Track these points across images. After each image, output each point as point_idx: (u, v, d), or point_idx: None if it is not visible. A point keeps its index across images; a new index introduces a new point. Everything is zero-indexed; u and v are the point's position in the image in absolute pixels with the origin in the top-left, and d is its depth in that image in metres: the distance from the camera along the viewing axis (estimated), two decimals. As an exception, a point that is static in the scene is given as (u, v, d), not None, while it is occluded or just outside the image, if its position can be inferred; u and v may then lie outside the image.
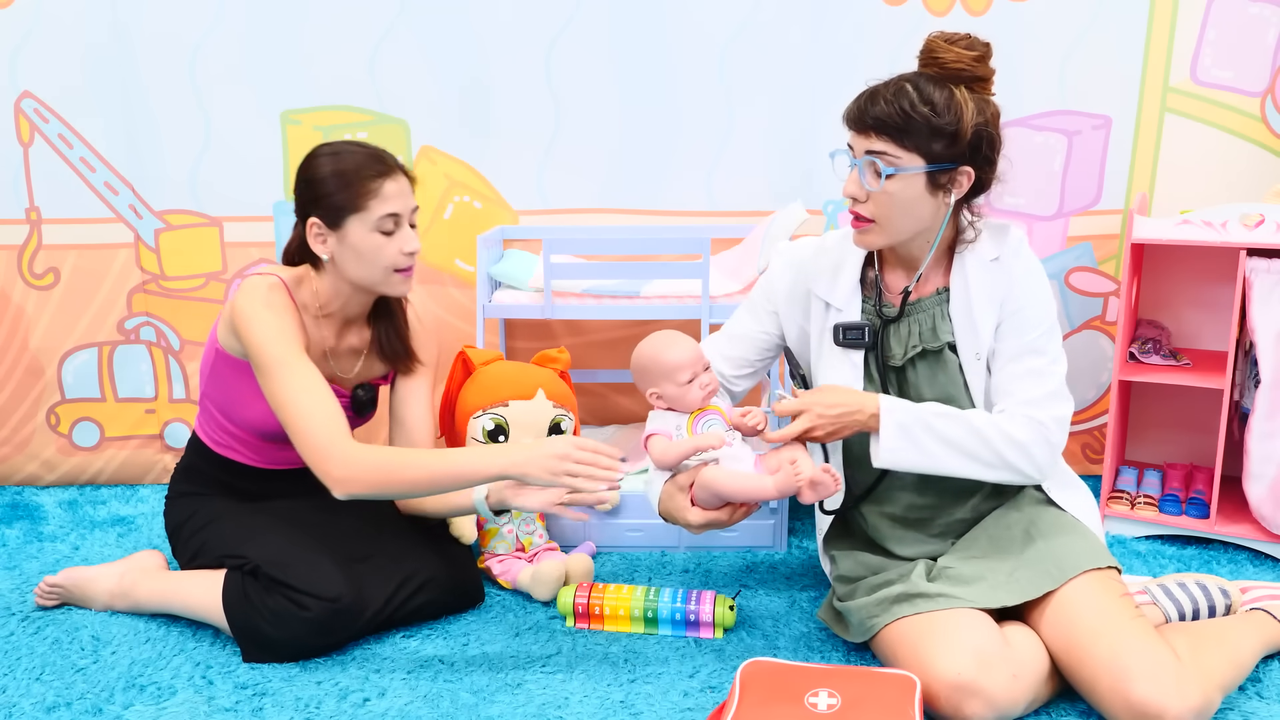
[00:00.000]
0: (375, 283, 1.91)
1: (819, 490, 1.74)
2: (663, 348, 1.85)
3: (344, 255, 1.88)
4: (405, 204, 1.88)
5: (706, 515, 1.78)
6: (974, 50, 1.70)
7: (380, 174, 1.85)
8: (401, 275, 1.91)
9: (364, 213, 1.85)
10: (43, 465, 2.73)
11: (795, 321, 1.93)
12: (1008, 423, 1.73)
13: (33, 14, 2.47)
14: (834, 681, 1.59)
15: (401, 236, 1.88)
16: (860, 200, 1.73)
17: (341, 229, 1.86)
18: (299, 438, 1.78)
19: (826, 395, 1.79)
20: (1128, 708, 1.52)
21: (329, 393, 1.82)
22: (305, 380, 1.80)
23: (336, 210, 1.85)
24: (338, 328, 1.99)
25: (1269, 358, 2.18)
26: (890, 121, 1.67)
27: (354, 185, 1.84)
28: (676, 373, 1.82)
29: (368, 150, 1.88)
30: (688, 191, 2.63)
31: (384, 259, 1.87)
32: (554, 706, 1.70)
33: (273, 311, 1.84)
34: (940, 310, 1.81)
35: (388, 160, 1.88)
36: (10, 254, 2.60)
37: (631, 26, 2.52)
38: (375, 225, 1.85)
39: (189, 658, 1.86)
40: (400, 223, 1.88)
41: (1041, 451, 1.74)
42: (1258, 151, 2.46)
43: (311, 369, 1.83)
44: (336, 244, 1.88)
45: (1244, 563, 2.26)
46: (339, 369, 2.00)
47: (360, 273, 1.89)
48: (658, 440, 1.84)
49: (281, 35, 2.50)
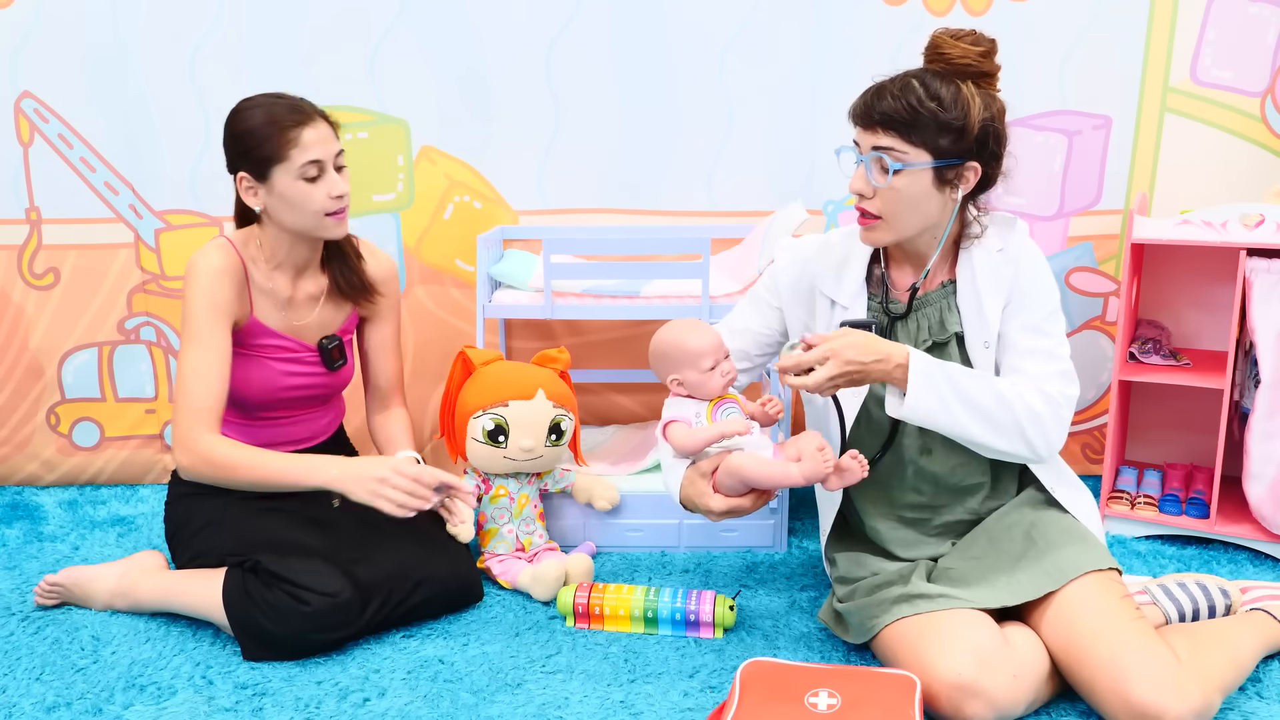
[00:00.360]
0: (309, 228, 1.97)
1: (845, 477, 1.74)
2: (685, 333, 1.86)
3: (275, 205, 1.95)
4: (327, 150, 1.93)
5: (729, 502, 1.78)
6: (980, 46, 1.70)
7: (298, 122, 1.91)
8: (334, 219, 1.97)
9: (286, 162, 1.91)
10: (43, 465, 2.73)
11: (799, 318, 1.93)
12: (1028, 393, 1.72)
13: (33, 14, 2.47)
14: (834, 681, 1.59)
15: (327, 181, 1.94)
16: (867, 196, 1.73)
17: (268, 180, 1.93)
18: (173, 410, 1.92)
19: (852, 340, 1.69)
20: (1128, 709, 1.52)
21: (218, 378, 1.91)
22: (202, 360, 1.90)
23: (261, 162, 1.92)
24: (291, 277, 2.05)
25: (1269, 358, 2.18)
26: (897, 117, 1.67)
27: (274, 136, 1.90)
28: (700, 359, 1.84)
29: (286, 101, 1.94)
30: (688, 191, 2.63)
31: (313, 204, 1.93)
32: (554, 706, 1.70)
33: (207, 279, 1.91)
34: (947, 302, 1.81)
35: (306, 108, 1.94)
36: (10, 254, 2.61)
37: (631, 26, 2.52)
38: (299, 173, 1.91)
39: (189, 658, 1.87)
40: (324, 168, 1.94)
41: (1054, 427, 1.73)
42: (1258, 151, 2.46)
43: (215, 351, 1.91)
44: (266, 195, 1.95)
45: (1244, 563, 2.26)
46: (299, 318, 2.05)
47: (292, 220, 1.96)
48: (678, 427, 1.85)
49: (281, 35, 2.50)
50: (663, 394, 2.75)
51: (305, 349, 2.06)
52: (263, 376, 2.02)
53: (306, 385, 2.08)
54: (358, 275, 2.10)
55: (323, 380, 2.10)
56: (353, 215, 2.58)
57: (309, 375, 2.08)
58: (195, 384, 1.90)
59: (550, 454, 2.19)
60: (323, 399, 2.15)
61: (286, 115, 1.91)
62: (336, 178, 1.95)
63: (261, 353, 2.02)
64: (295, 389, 2.06)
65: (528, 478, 2.23)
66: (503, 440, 2.14)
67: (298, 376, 2.06)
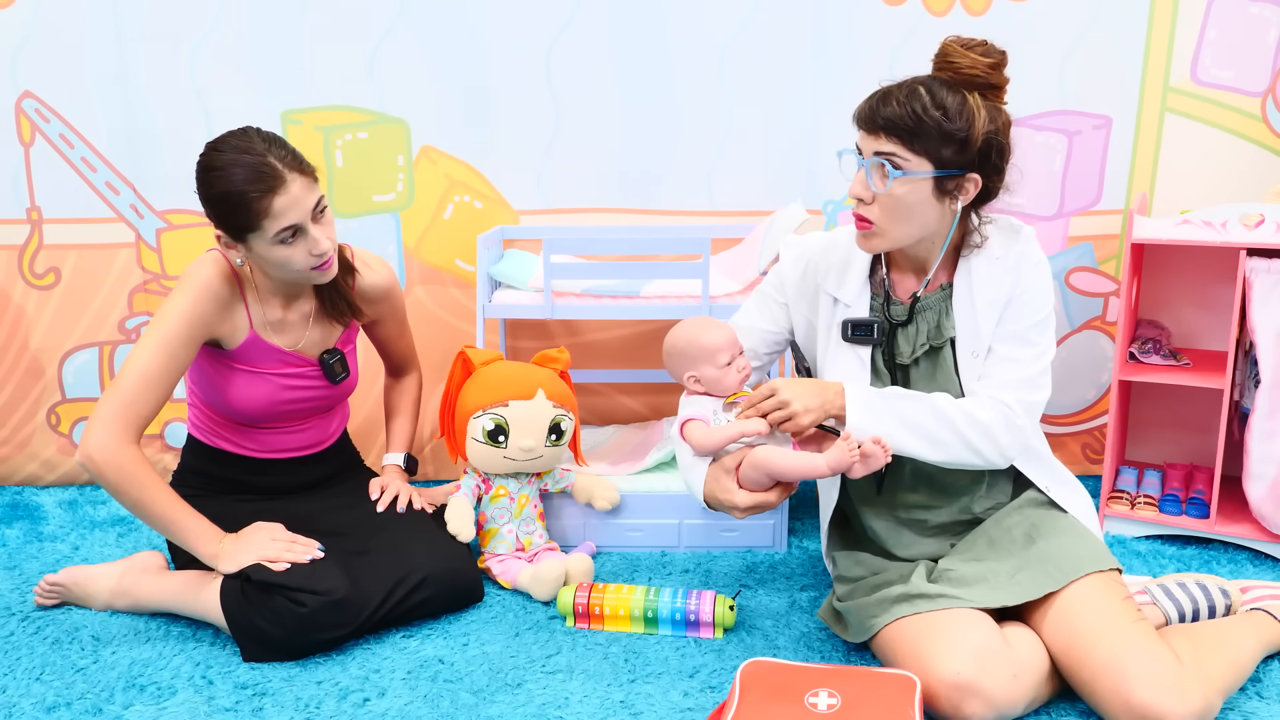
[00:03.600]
0: (295, 280, 1.94)
1: (870, 463, 1.73)
2: (701, 330, 1.88)
3: (257, 261, 1.91)
4: (302, 211, 1.83)
5: (755, 497, 1.79)
6: (990, 57, 1.69)
7: (269, 189, 1.79)
8: (319, 270, 1.91)
9: (260, 232, 1.83)
10: (43, 465, 2.73)
11: (803, 315, 1.94)
12: (971, 404, 1.74)
13: (34, 14, 2.47)
14: (834, 681, 1.59)
15: (307, 241, 1.86)
16: (866, 202, 1.73)
17: (245, 243, 1.87)
18: (102, 400, 1.83)
19: (795, 386, 1.79)
20: (1128, 710, 1.52)
21: (164, 393, 1.85)
22: (159, 369, 1.84)
23: (234, 230, 1.85)
24: (283, 300, 2.01)
25: (1269, 358, 2.18)
26: (901, 123, 1.66)
27: (243, 208, 1.80)
28: (717, 354, 1.85)
29: (251, 160, 1.79)
30: (688, 191, 2.63)
31: (293, 265, 1.88)
32: (554, 706, 1.70)
33: (195, 295, 1.87)
34: (945, 306, 1.81)
35: (273, 171, 1.79)
36: (11, 254, 2.61)
37: (631, 26, 2.52)
38: (275, 239, 1.84)
39: (189, 658, 1.87)
40: (301, 230, 1.85)
41: (1004, 433, 1.74)
42: (1258, 151, 2.46)
43: (175, 366, 1.85)
44: (246, 253, 1.89)
45: (1244, 563, 2.26)
46: (295, 339, 2.03)
47: (277, 274, 1.92)
48: (696, 426, 1.85)
49: (281, 35, 2.50)
50: (663, 394, 2.77)
51: (307, 363, 2.04)
52: (265, 392, 2.00)
53: (309, 399, 2.07)
54: (345, 300, 2.06)
55: (325, 393, 2.09)
56: (353, 215, 2.59)
57: (313, 389, 2.06)
58: (142, 389, 1.83)
59: (550, 454, 2.19)
60: (326, 409, 2.14)
61: (254, 184, 1.78)
62: (316, 234, 1.85)
63: (263, 368, 1.99)
64: (298, 402, 2.05)
65: (528, 478, 2.23)
66: (503, 440, 2.14)
67: (300, 390, 2.04)
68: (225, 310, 1.93)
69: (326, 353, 2.06)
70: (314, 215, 1.86)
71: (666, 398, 2.76)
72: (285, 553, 1.87)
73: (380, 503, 2.10)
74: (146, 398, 1.84)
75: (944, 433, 1.73)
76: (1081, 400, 2.66)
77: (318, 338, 2.06)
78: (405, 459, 2.26)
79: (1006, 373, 1.76)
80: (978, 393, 1.76)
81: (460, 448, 2.20)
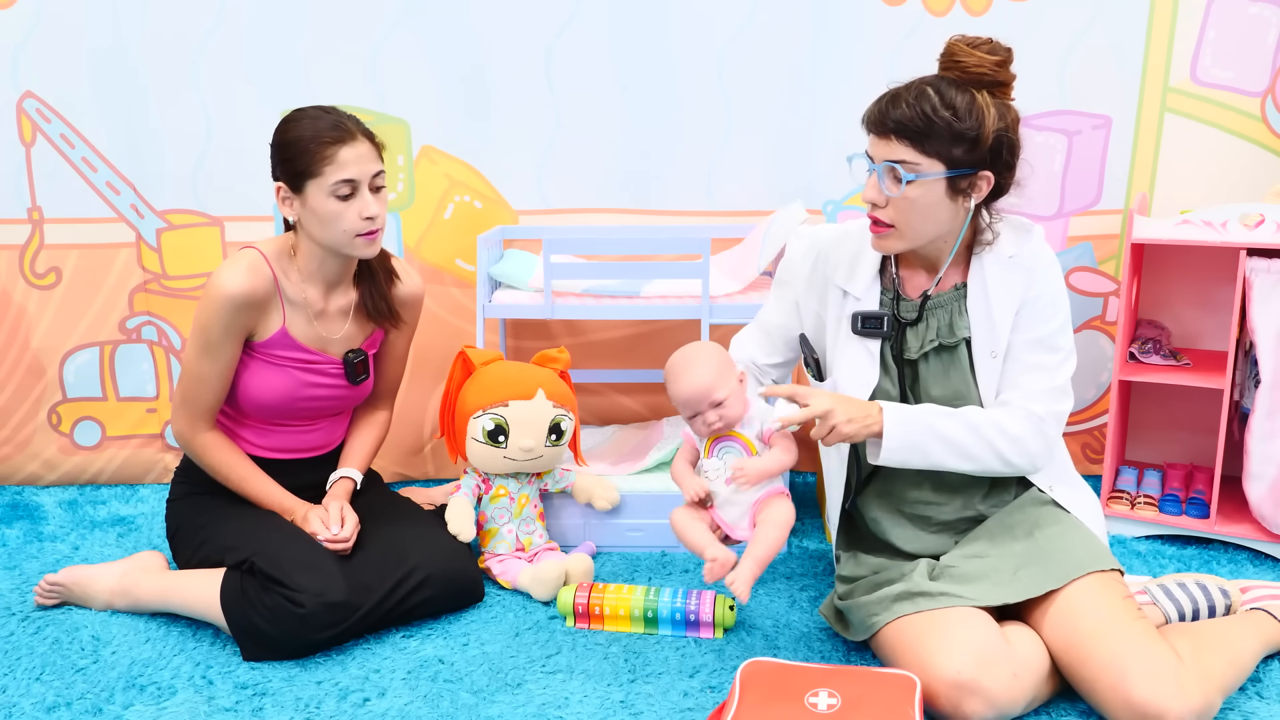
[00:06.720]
0: (338, 245, 1.95)
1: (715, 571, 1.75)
2: (674, 375, 1.85)
3: (307, 218, 1.93)
4: (363, 169, 1.90)
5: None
6: (996, 55, 1.69)
7: (338, 139, 1.88)
8: (364, 239, 1.94)
9: (320, 178, 1.88)
10: (43, 465, 2.73)
11: (812, 307, 1.93)
12: (1004, 417, 1.74)
13: (35, 14, 2.47)
14: (834, 681, 1.59)
15: (360, 202, 1.91)
16: (880, 206, 1.73)
17: (303, 193, 1.91)
18: (174, 407, 2.01)
19: (841, 406, 1.74)
20: (1129, 709, 1.52)
21: (222, 386, 1.97)
22: (210, 370, 1.94)
23: (296, 175, 1.90)
24: (323, 290, 2.02)
25: (1269, 358, 2.18)
26: (911, 125, 1.66)
27: (311, 151, 1.87)
28: (680, 406, 1.85)
29: (333, 116, 1.91)
30: (688, 191, 2.63)
31: (343, 223, 1.91)
32: (554, 706, 1.71)
33: (228, 304, 1.90)
34: (958, 306, 1.81)
35: (349, 126, 1.91)
36: (12, 254, 2.61)
37: (631, 26, 2.52)
38: (331, 191, 1.89)
39: (189, 658, 1.87)
40: (358, 189, 1.90)
41: (1035, 444, 1.76)
42: (1258, 151, 2.46)
43: (224, 363, 1.95)
44: (300, 207, 1.93)
45: (1244, 563, 2.26)
46: (328, 330, 2.03)
47: (323, 235, 1.94)
48: (680, 456, 1.90)
49: (282, 35, 2.51)
50: (663, 394, 2.77)
51: (330, 362, 2.04)
52: (285, 386, 2.00)
53: (327, 397, 2.06)
54: (386, 301, 2.07)
55: (343, 393, 2.08)
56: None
57: (330, 387, 2.06)
58: (193, 386, 1.96)
59: (550, 454, 2.19)
60: (340, 410, 2.14)
61: (328, 131, 1.88)
62: (370, 199, 1.91)
63: (286, 363, 1.99)
64: (316, 399, 2.05)
65: (528, 478, 2.23)
66: (503, 440, 2.14)
67: (319, 388, 2.04)
68: (260, 311, 1.95)
69: (351, 351, 2.06)
70: (372, 182, 1.92)
71: (666, 398, 2.75)
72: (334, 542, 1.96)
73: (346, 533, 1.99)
74: (201, 392, 1.96)
75: (977, 446, 1.74)
76: (1081, 400, 2.66)
77: (351, 333, 2.07)
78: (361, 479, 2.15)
79: (1036, 382, 1.76)
80: (1011, 403, 1.76)
81: (460, 448, 2.20)
